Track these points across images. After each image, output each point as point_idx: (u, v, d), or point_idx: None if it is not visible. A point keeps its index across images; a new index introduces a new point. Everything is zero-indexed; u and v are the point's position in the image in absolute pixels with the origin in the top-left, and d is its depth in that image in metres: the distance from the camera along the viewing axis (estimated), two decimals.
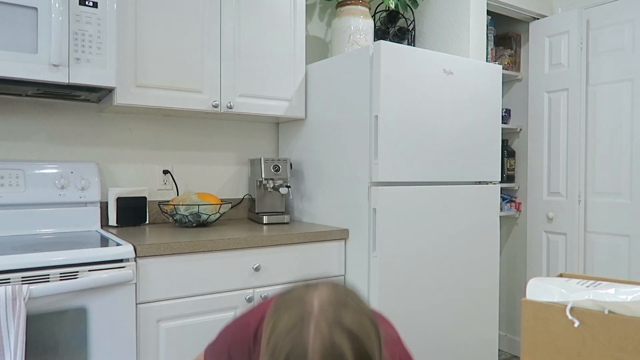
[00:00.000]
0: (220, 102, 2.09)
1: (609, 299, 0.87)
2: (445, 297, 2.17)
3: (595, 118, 2.82)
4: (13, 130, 1.98)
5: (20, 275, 1.40)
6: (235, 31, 2.12)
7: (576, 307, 0.88)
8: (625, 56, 2.69)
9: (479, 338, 2.34)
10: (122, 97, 1.87)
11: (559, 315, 0.89)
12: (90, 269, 1.51)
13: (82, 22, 1.70)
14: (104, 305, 1.54)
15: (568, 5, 2.98)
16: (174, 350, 1.69)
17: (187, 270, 1.72)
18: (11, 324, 1.33)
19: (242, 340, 0.98)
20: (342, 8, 2.44)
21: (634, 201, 2.66)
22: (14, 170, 1.88)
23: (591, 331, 0.86)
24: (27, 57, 1.60)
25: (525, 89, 3.15)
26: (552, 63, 2.95)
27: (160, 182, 2.30)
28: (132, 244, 1.62)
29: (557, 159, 2.92)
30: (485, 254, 2.35)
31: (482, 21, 2.60)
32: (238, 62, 2.13)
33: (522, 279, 3.15)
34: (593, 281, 0.97)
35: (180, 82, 2.00)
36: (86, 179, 2.00)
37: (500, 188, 2.67)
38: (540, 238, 3.01)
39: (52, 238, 1.80)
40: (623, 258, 2.70)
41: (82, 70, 1.70)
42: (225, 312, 1.79)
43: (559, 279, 1.01)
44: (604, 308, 0.85)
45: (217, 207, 2.13)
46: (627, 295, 0.87)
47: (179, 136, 2.35)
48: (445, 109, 2.17)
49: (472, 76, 2.28)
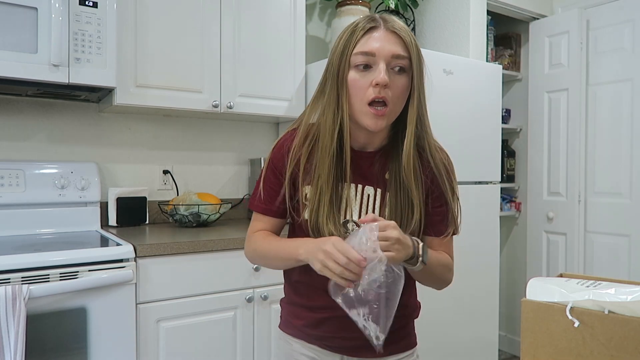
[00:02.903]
0: (220, 102, 2.08)
1: (609, 299, 0.87)
2: (445, 296, 2.17)
3: (595, 118, 2.82)
4: (13, 130, 1.98)
5: (20, 275, 1.40)
6: (235, 31, 2.12)
7: (576, 307, 0.88)
8: (625, 56, 2.69)
9: (479, 338, 2.34)
10: (122, 97, 1.87)
11: (559, 315, 0.89)
12: (90, 269, 1.51)
13: (82, 22, 1.69)
14: (104, 305, 1.54)
15: (568, 5, 2.98)
16: (174, 350, 1.69)
17: (187, 270, 1.72)
18: (11, 324, 1.33)
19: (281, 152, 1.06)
20: (342, 8, 2.44)
21: (634, 201, 2.66)
22: (14, 170, 1.87)
23: (591, 331, 0.86)
24: (27, 57, 1.60)
25: (525, 89, 3.15)
26: (552, 63, 2.94)
27: (160, 182, 2.30)
28: (132, 244, 1.62)
29: (557, 159, 2.92)
30: (485, 254, 2.34)
31: (482, 21, 2.60)
32: (238, 62, 2.13)
33: (522, 279, 3.15)
34: (593, 281, 0.97)
35: (180, 82, 2.00)
36: (86, 179, 2.00)
37: (500, 188, 2.67)
38: (540, 238, 3.01)
39: (52, 238, 1.80)
40: (623, 258, 2.70)
41: (82, 70, 1.70)
42: (225, 312, 1.79)
43: (559, 279, 1.01)
44: (604, 308, 0.85)
45: (217, 207, 2.13)
46: (627, 295, 0.87)
47: (179, 136, 2.35)
48: (445, 109, 2.17)
49: (472, 76, 2.27)
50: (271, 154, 1.07)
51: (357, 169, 1.02)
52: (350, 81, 0.95)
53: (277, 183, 1.05)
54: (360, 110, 0.95)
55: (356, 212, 1.03)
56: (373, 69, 0.94)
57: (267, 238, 1.07)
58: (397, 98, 0.96)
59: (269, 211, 1.08)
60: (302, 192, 1.02)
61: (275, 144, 1.07)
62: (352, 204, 1.03)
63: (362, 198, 1.03)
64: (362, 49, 0.94)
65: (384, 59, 0.93)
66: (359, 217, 1.03)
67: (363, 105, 0.95)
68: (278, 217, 1.09)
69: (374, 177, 1.04)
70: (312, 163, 1.00)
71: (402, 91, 0.96)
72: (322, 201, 0.98)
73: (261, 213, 1.09)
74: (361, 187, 1.03)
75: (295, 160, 1.02)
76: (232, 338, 1.80)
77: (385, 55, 0.93)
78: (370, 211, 1.03)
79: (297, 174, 1.02)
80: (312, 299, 1.07)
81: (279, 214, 1.08)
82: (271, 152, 1.07)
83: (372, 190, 1.04)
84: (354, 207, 1.03)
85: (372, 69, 0.94)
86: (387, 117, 0.96)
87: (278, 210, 1.08)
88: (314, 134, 1.01)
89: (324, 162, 0.98)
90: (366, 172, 1.04)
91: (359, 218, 1.02)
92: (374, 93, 0.93)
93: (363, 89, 0.94)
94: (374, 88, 0.93)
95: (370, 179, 1.04)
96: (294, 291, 1.12)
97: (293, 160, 1.02)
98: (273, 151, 1.07)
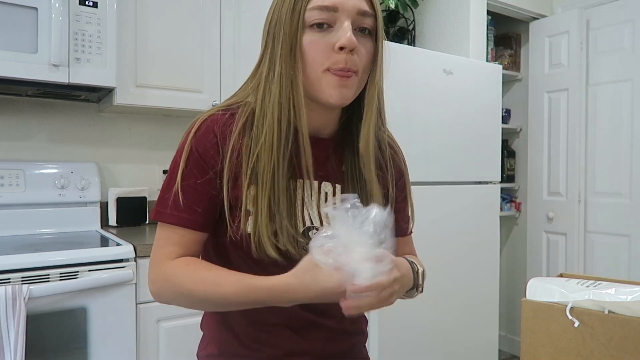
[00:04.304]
0: (220, 102, 2.08)
1: (609, 299, 0.87)
2: (445, 297, 2.17)
3: (595, 118, 2.82)
4: (13, 130, 1.98)
5: (20, 275, 1.40)
6: (235, 31, 2.12)
7: (576, 307, 0.88)
8: (625, 56, 2.69)
9: (479, 338, 2.34)
10: (122, 97, 1.87)
11: (559, 315, 0.89)
12: (90, 269, 1.51)
13: (82, 22, 1.69)
14: (104, 305, 1.54)
15: (568, 5, 2.98)
16: (174, 350, 1.69)
17: None
18: (11, 324, 1.33)
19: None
20: None
21: (634, 201, 2.66)
22: (14, 170, 1.87)
23: (591, 331, 0.86)
24: (27, 57, 1.60)
25: (525, 89, 3.15)
26: (552, 63, 2.94)
27: (160, 182, 2.30)
28: (132, 244, 1.62)
29: (557, 159, 2.92)
30: (485, 254, 2.34)
31: (482, 21, 2.60)
32: (238, 62, 2.13)
33: (522, 279, 3.15)
34: (593, 281, 0.97)
35: (180, 82, 2.00)
36: (86, 179, 2.00)
37: (500, 188, 2.67)
38: (540, 238, 3.01)
39: (52, 238, 1.80)
40: (623, 258, 2.70)
41: (82, 70, 1.70)
42: None
43: (559, 279, 1.01)
44: (604, 308, 0.85)
45: None
46: (627, 295, 0.87)
47: (179, 136, 2.34)
48: (445, 109, 2.17)
49: (472, 76, 2.27)
50: (193, 142, 0.77)
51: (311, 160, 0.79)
52: (306, 45, 0.74)
53: (204, 182, 0.77)
54: (318, 79, 0.74)
55: (315, 215, 0.80)
56: (334, 29, 0.74)
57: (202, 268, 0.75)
58: (363, 66, 0.77)
59: (191, 222, 0.77)
60: (244, 195, 0.75)
61: (194, 129, 0.78)
62: (309, 207, 0.80)
63: (319, 197, 0.81)
64: (320, 2, 0.73)
65: (348, 15, 0.73)
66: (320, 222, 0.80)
67: (321, 72, 0.74)
68: (201, 230, 0.78)
69: (331, 170, 0.83)
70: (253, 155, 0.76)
71: (368, 59, 0.77)
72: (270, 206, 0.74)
73: (179, 225, 0.77)
74: (317, 183, 0.81)
75: (236, 151, 0.76)
76: None
77: (349, 11, 0.73)
78: None
79: (239, 170, 0.76)
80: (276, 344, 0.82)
81: (203, 226, 0.78)
82: (191, 138, 0.78)
83: (329, 187, 0.82)
84: (312, 210, 0.80)
85: (333, 29, 0.74)
86: (353, 87, 0.76)
87: (202, 222, 0.77)
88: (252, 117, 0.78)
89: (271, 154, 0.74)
90: (323, 164, 0.82)
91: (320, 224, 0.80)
92: (340, 62, 0.73)
93: (322, 54, 0.73)
94: (337, 53, 0.73)
95: (327, 173, 0.82)
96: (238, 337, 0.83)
97: (234, 151, 0.76)
98: (195, 137, 0.78)
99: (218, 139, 0.77)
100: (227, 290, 0.71)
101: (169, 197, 0.77)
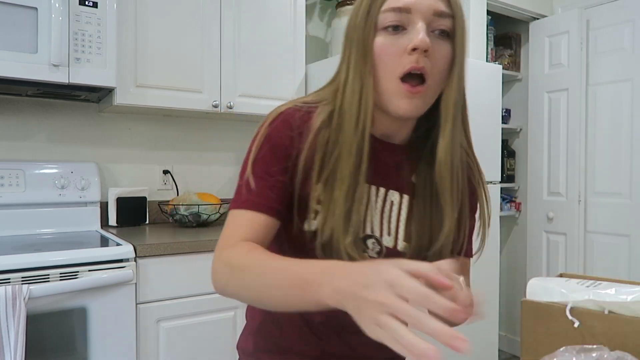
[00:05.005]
0: (220, 102, 2.08)
1: (609, 299, 0.87)
2: None
3: (595, 118, 2.82)
4: (13, 130, 1.98)
5: (20, 275, 1.40)
6: (235, 31, 2.12)
7: (576, 307, 0.88)
8: (625, 56, 2.69)
9: (479, 338, 2.33)
10: (122, 97, 1.87)
11: (559, 315, 0.89)
12: (90, 269, 1.51)
13: (82, 22, 1.69)
14: (104, 305, 1.54)
15: (568, 5, 2.98)
16: (174, 350, 1.69)
17: (187, 270, 1.71)
18: (11, 324, 1.33)
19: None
20: (342, 8, 2.43)
21: (634, 201, 2.66)
22: (14, 170, 1.87)
23: (591, 331, 0.86)
24: (27, 57, 1.60)
25: (525, 89, 3.15)
26: (552, 63, 2.94)
27: (160, 182, 2.30)
28: (132, 244, 1.62)
29: (557, 159, 2.92)
30: (485, 254, 2.34)
31: (482, 21, 2.60)
32: (238, 62, 2.13)
33: (522, 279, 3.15)
34: (593, 281, 0.97)
35: (180, 82, 2.00)
36: (86, 179, 2.00)
37: (500, 188, 2.67)
38: (540, 238, 3.01)
39: (52, 238, 1.80)
40: (623, 258, 2.70)
41: (82, 70, 1.70)
42: (225, 312, 1.79)
43: (559, 279, 1.01)
44: (604, 308, 0.85)
45: (217, 207, 2.13)
46: (627, 295, 0.87)
47: (179, 136, 2.35)
48: None
49: (472, 76, 2.27)
50: (268, 130, 0.75)
51: (378, 165, 0.77)
52: (377, 48, 0.71)
53: (277, 170, 0.74)
54: (388, 88, 0.71)
55: (377, 224, 0.78)
56: (407, 31, 0.70)
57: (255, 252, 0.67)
58: (439, 72, 0.71)
59: (264, 207, 0.73)
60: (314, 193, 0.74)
61: (273, 117, 0.76)
62: (372, 213, 0.77)
63: (384, 206, 0.78)
64: (394, 4, 0.70)
65: (422, 16, 0.69)
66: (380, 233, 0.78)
67: (393, 80, 0.70)
68: (275, 217, 0.74)
69: (400, 178, 0.79)
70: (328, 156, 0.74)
71: (444, 63, 0.72)
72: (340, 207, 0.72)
73: (253, 210, 0.72)
74: (384, 190, 0.78)
75: (311, 149, 0.74)
76: (232, 338, 1.80)
77: (424, 12, 0.69)
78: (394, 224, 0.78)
79: (311, 166, 0.74)
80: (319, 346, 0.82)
81: (273, 211, 0.73)
82: (267, 126, 0.76)
83: (396, 196, 0.79)
84: (375, 217, 0.77)
85: (407, 31, 0.70)
86: (425, 97, 0.71)
87: (273, 207, 0.73)
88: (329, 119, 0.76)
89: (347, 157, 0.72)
90: (390, 171, 0.79)
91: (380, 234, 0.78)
92: (410, 62, 0.68)
93: (394, 58, 0.70)
94: (409, 55, 0.69)
95: (394, 181, 0.79)
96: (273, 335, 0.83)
97: (312, 146, 0.74)
98: (271, 126, 0.75)
99: (294, 132, 0.75)
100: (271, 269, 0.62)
101: (241, 185, 0.75)
